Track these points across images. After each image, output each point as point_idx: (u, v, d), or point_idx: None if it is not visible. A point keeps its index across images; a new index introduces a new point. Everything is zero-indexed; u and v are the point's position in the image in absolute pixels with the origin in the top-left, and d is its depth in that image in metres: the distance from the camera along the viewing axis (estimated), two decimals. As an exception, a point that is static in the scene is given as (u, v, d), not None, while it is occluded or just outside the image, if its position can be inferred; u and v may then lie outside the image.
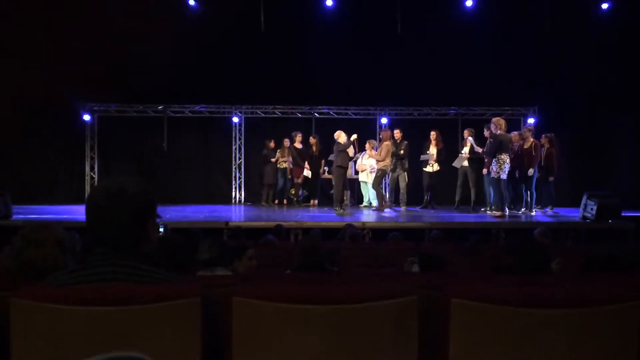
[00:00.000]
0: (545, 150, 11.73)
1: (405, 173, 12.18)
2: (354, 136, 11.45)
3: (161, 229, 7.23)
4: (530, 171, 11.16)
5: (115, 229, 1.90)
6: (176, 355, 1.84)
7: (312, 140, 13.33)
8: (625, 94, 13.23)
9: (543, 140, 11.84)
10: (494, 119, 10.76)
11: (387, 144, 11.63)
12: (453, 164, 12.07)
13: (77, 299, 1.78)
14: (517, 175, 11.33)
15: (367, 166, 12.51)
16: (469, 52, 13.18)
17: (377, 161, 11.77)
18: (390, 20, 13.23)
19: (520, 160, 11.24)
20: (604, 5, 13.39)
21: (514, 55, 13.23)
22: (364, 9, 13.39)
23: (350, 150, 11.70)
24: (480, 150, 11.20)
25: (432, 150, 12.31)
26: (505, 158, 10.35)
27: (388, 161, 11.64)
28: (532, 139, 11.30)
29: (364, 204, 13.24)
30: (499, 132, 10.45)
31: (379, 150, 11.88)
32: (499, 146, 10.33)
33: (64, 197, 13.24)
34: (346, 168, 11.35)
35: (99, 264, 1.92)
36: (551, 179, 11.88)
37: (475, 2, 13.40)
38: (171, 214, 10.35)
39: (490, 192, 10.95)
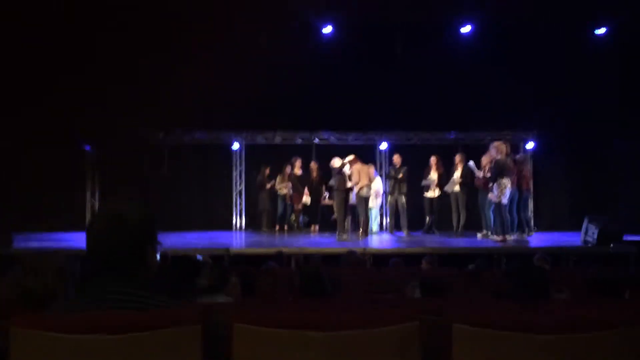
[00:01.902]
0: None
1: (404, 197, 12.16)
2: (346, 160, 11.39)
3: (158, 257, 7.21)
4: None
5: (115, 255, 1.90)
6: (176, 383, 1.82)
7: (312, 166, 13.37)
8: (625, 118, 13.29)
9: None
10: (495, 144, 10.78)
11: (355, 167, 11.28)
12: (445, 188, 12.11)
13: (76, 327, 1.77)
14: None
15: (372, 191, 12.16)
16: (468, 76, 13.25)
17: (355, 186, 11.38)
18: (389, 46, 13.36)
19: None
20: (602, 30, 13.53)
21: (513, 79, 13.29)
22: (364, 35, 13.53)
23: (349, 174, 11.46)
24: (480, 174, 11.17)
25: (433, 175, 12.33)
26: (507, 182, 10.34)
27: (363, 183, 11.21)
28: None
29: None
30: (499, 156, 10.47)
31: (353, 174, 11.40)
32: (500, 171, 10.34)
33: (65, 225, 13.17)
34: (345, 190, 11.26)
35: (99, 291, 1.91)
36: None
37: (473, 27, 13.55)
38: (172, 240, 10.32)
39: (491, 216, 10.94)
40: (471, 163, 11.56)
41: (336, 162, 11.39)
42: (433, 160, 12.38)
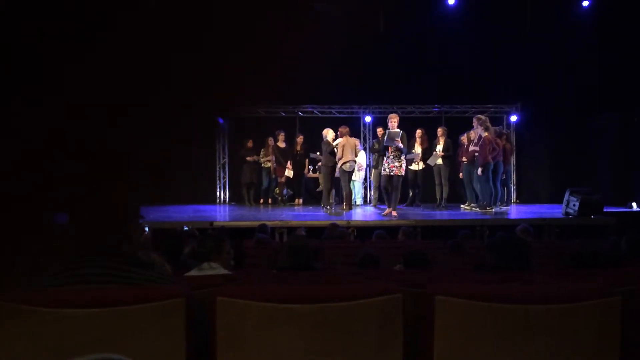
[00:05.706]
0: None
1: None
2: (337, 142, 11.31)
3: (146, 229, 7.19)
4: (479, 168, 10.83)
5: (97, 232, 1.89)
6: (160, 357, 1.83)
7: (297, 139, 13.32)
8: (607, 92, 13.34)
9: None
10: (477, 117, 10.80)
11: (341, 141, 11.20)
12: (427, 161, 12.13)
13: (57, 301, 1.76)
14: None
15: (356, 165, 12.16)
16: (452, 50, 13.22)
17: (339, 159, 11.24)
18: (374, 19, 13.26)
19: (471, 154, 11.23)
20: (585, 3, 13.53)
21: (497, 53, 13.29)
22: (348, 8, 13.39)
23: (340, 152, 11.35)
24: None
25: (418, 149, 12.31)
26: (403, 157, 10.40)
27: (347, 158, 11.10)
28: (480, 133, 10.73)
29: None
30: (393, 129, 10.42)
31: (337, 149, 11.30)
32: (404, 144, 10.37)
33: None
34: (333, 167, 11.18)
35: (81, 265, 1.90)
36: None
37: (457, 1, 13.47)
38: (155, 214, 10.29)
39: (478, 189, 11.00)
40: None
41: (330, 134, 11.26)
42: (418, 133, 12.37)
